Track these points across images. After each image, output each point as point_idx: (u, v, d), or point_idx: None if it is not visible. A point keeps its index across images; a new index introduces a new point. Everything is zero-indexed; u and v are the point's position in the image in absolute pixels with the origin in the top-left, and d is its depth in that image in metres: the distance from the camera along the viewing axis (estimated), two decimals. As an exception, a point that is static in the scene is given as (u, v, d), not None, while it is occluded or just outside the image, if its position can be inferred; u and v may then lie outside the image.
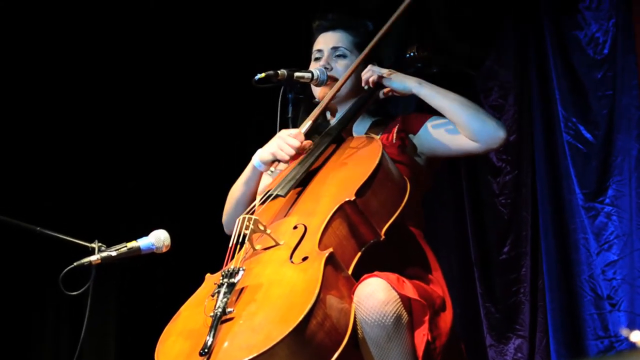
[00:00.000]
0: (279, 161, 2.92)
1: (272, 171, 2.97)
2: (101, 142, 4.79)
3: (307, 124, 2.97)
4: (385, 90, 3.02)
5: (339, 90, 3.03)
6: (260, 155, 2.98)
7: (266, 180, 3.11)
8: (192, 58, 4.78)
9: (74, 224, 3.34)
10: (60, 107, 4.72)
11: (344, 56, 3.14)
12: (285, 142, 2.89)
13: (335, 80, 3.09)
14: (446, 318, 2.68)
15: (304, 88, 3.17)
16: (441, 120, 2.97)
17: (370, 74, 3.00)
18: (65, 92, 4.72)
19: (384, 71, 2.98)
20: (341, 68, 3.12)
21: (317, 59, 3.16)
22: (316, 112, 3.01)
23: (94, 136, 4.78)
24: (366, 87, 3.04)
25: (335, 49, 3.15)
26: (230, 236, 2.65)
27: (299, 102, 3.19)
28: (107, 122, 4.80)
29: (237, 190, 3.08)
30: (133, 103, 4.81)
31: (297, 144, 2.88)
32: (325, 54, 3.14)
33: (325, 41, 3.17)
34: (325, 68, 3.11)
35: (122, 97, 4.80)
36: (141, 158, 4.82)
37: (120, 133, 4.82)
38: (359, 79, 3.06)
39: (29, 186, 4.62)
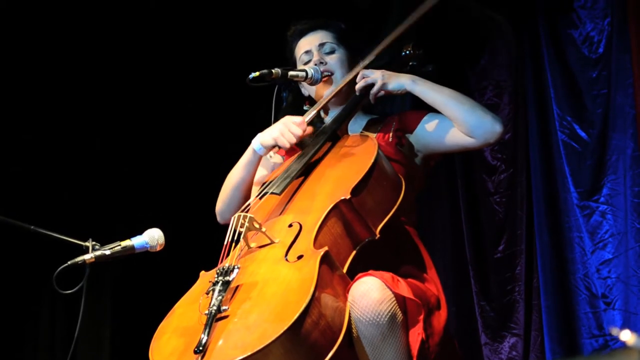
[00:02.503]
0: (279, 147, 2.92)
1: (270, 156, 2.96)
2: (96, 141, 4.79)
3: (311, 114, 2.98)
4: (378, 94, 2.99)
5: (342, 87, 3.02)
6: (262, 139, 2.96)
7: (261, 173, 3.10)
8: (189, 56, 4.77)
9: (68, 224, 3.33)
10: (56, 107, 4.71)
11: (333, 51, 3.13)
12: (289, 128, 2.89)
13: (332, 75, 3.10)
14: (440, 317, 2.68)
15: (298, 87, 3.18)
16: (437, 117, 2.96)
17: (362, 83, 2.99)
18: (61, 91, 4.71)
19: (376, 75, 2.97)
20: (334, 62, 3.11)
21: (306, 62, 3.15)
22: (320, 104, 3.02)
23: (89, 135, 4.78)
24: (358, 94, 3.04)
25: (322, 45, 3.14)
26: (223, 226, 2.64)
27: (293, 101, 3.19)
28: (103, 121, 4.79)
29: (235, 175, 3.05)
30: (129, 102, 4.80)
31: (299, 132, 2.89)
32: (315, 52, 3.13)
33: (310, 42, 3.16)
34: (320, 63, 3.10)
35: (118, 95, 4.79)
36: (136, 156, 4.82)
37: (115, 131, 4.81)
38: (354, 77, 3.05)
39: (24, 188, 4.62)
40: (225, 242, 2.60)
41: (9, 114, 4.60)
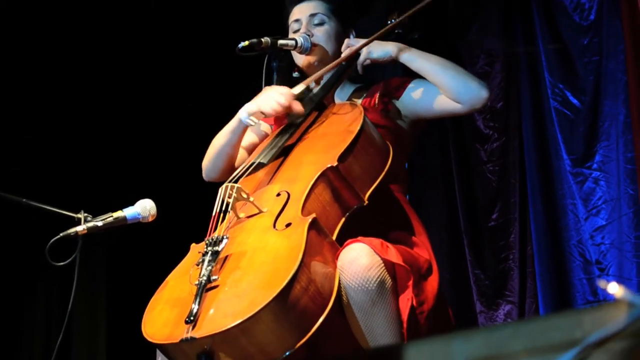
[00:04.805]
0: (263, 114, 2.92)
1: (254, 122, 2.96)
2: (89, 114, 4.79)
3: (300, 87, 2.97)
4: (364, 62, 2.99)
5: (335, 64, 3.00)
6: (247, 107, 2.96)
7: (249, 137, 3.11)
8: (179, 27, 4.76)
9: (60, 197, 3.33)
10: (45, 84, 4.71)
11: (322, 23, 3.11)
12: (274, 97, 2.88)
13: (318, 47, 3.08)
14: (433, 282, 2.69)
15: (288, 56, 3.17)
16: (423, 83, 2.96)
17: (348, 52, 2.98)
18: (51, 68, 4.70)
19: (362, 43, 2.96)
20: (321, 34, 3.10)
21: (296, 31, 3.13)
22: (311, 79, 3.01)
23: (81, 108, 4.78)
24: (344, 63, 3.03)
25: (312, 16, 3.12)
26: (214, 197, 2.65)
27: (283, 70, 3.18)
28: (95, 94, 4.79)
29: (221, 138, 3.06)
30: (118, 75, 4.79)
31: (284, 101, 2.87)
32: (304, 22, 3.11)
33: (302, 10, 3.14)
34: (307, 35, 3.10)
35: (108, 71, 4.79)
36: (127, 128, 4.82)
37: (107, 105, 4.81)
38: (341, 47, 3.05)
39: (16, 163, 4.62)
40: (213, 213, 2.61)
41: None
